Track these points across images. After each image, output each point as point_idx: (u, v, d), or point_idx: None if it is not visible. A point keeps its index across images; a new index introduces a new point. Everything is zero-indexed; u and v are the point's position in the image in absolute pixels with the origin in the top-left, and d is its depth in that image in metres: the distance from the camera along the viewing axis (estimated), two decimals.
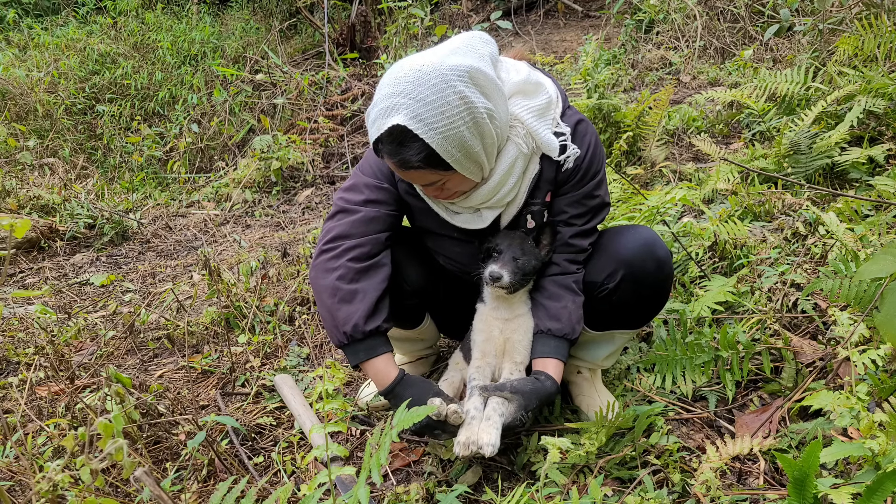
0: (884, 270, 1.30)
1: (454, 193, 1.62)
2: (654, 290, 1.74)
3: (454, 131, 1.42)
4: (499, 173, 1.60)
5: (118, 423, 1.29)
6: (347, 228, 1.71)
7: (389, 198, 1.76)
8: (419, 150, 1.42)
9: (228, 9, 9.75)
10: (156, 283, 3.57)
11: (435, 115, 1.39)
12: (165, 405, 2.06)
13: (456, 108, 1.40)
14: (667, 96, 3.83)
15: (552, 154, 1.63)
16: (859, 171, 3.01)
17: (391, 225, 1.77)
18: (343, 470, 1.30)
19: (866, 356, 1.68)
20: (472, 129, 1.44)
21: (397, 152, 1.45)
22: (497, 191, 1.63)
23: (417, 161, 1.44)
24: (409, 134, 1.41)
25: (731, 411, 1.90)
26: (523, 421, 1.60)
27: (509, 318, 1.76)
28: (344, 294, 1.66)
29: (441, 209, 1.74)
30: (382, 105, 1.43)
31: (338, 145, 5.54)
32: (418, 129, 1.40)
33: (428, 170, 1.48)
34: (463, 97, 1.41)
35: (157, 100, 6.92)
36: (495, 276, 1.66)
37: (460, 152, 1.45)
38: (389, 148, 1.46)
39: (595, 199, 1.71)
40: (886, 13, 3.91)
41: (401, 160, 1.46)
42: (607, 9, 7.37)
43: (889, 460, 1.31)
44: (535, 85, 1.63)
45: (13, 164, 5.38)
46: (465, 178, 1.55)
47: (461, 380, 1.86)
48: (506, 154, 1.59)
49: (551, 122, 1.64)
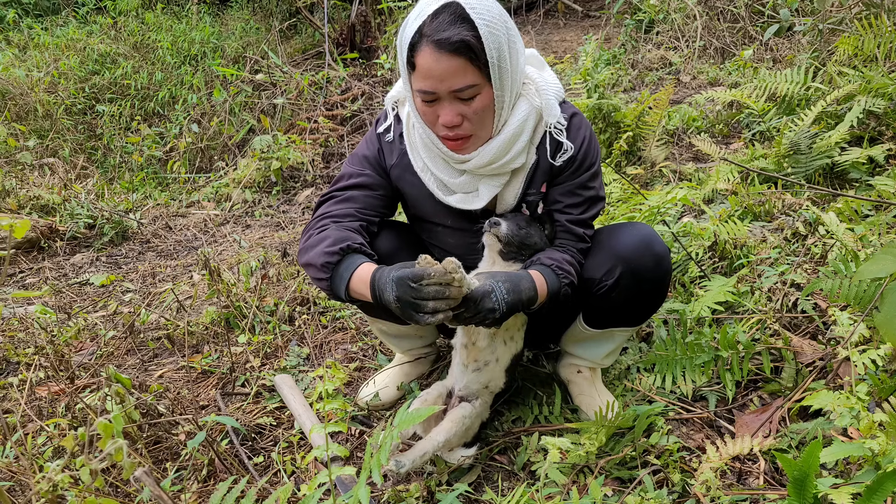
0: (884, 270, 1.30)
1: (470, 138, 1.59)
2: (653, 286, 1.74)
3: (497, 33, 1.46)
4: (512, 126, 1.60)
5: (118, 423, 1.29)
6: (329, 208, 1.74)
7: (374, 182, 1.77)
8: (469, 28, 1.43)
9: (228, 9, 9.74)
10: (156, 283, 3.57)
11: (484, 9, 1.45)
12: (165, 405, 2.06)
13: (499, 16, 1.47)
14: (667, 96, 3.83)
15: (551, 120, 1.64)
16: (859, 171, 3.01)
17: (375, 206, 1.78)
18: (343, 470, 1.30)
19: (866, 356, 1.68)
20: (508, 43, 1.49)
21: (443, 28, 1.43)
22: (508, 148, 1.62)
23: (466, 38, 1.42)
24: (460, 12, 1.43)
25: (731, 411, 1.90)
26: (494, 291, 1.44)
27: None
28: (317, 240, 1.66)
29: (436, 185, 1.73)
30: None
31: (338, 145, 5.54)
32: (470, 11, 1.43)
33: (466, 60, 1.44)
34: (503, 13, 1.49)
35: (157, 100, 6.92)
36: (494, 222, 1.67)
37: (498, 56, 1.47)
38: (436, 26, 1.43)
39: (590, 191, 1.72)
40: (886, 13, 3.91)
41: (447, 36, 1.42)
42: (607, 9, 7.37)
43: (889, 460, 1.31)
44: (539, 61, 1.72)
45: (13, 164, 5.38)
46: (491, 102, 1.54)
47: (436, 395, 1.84)
48: (518, 109, 1.61)
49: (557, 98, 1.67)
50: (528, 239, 1.69)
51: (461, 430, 1.72)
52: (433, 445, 1.65)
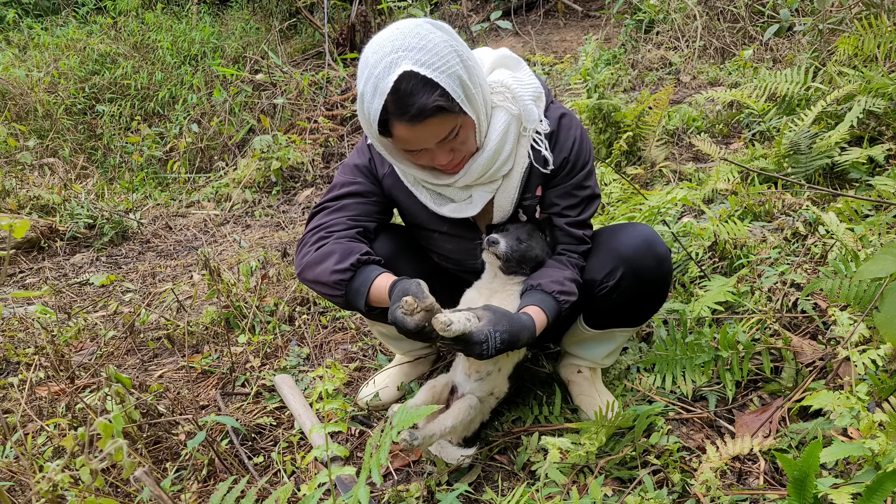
0: (884, 270, 1.30)
1: (463, 159, 1.60)
2: (654, 287, 1.74)
3: (453, 70, 1.42)
4: (494, 139, 1.59)
5: (118, 423, 1.29)
6: (322, 219, 1.73)
7: (366, 190, 1.77)
8: (432, 91, 1.41)
9: (228, 9, 9.74)
10: (156, 283, 3.57)
11: (433, 57, 1.40)
12: (165, 405, 2.06)
13: (445, 49, 1.42)
14: (667, 96, 3.83)
15: (530, 125, 1.63)
16: (859, 171, 3.01)
17: (370, 213, 1.77)
18: (343, 470, 1.30)
19: (866, 356, 1.68)
20: (465, 70, 1.46)
21: (411, 103, 1.41)
22: (494, 160, 1.61)
23: (434, 104, 1.40)
24: (418, 78, 1.40)
25: (731, 411, 1.90)
26: (492, 338, 1.44)
27: (500, 290, 1.74)
28: (321, 256, 1.65)
29: (428, 198, 1.73)
30: (380, 67, 1.41)
31: (338, 145, 5.54)
32: (425, 71, 1.39)
33: (442, 116, 1.44)
34: (447, 42, 1.44)
35: (157, 100, 6.92)
36: (493, 241, 1.66)
37: (463, 90, 1.45)
38: (401, 102, 1.41)
39: (585, 190, 1.72)
40: (886, 13, 3.91)
41: (417, 109, 1.41)
42: (607, 9, 7.37)
43: (889, 460, 1.31)
44: (514, 60, 1.68)
45: (13, 164, 5.38)
46: (473, 128, 1.54)
47: (444, 384, 1.84)
48: (497, 119, 1.60)
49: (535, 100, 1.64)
50: (528, 252, 1.69)
51: (467, 420, 1.73)
52: (441, 428, 1.66)
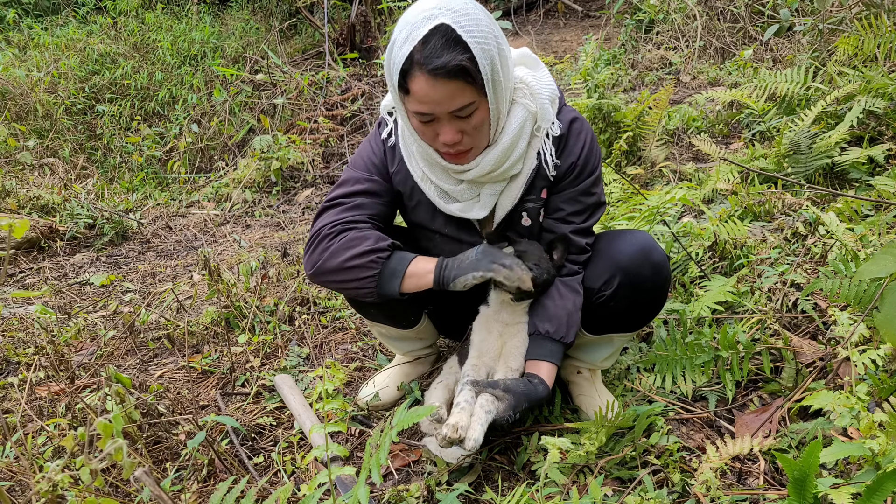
0: (884, 270, 1.30)
1: (469, 151, 1.59)
2: (652, 294, 1.74)
3: (488, 47, 1.43)
4: (510, 133, 1.59)
5: (118, 423, 1.29)
6: (340, 215, 1.71)
7: (382, 189, 1.76)
8: (462, 51, 1.40)
9: (228, 9, 9.74)
10: (156, 283, 3.57)
11: (473, 25, 1.41)
12: (165, 405, 2.06)
13: (488, 29, 1.43)
14: (667, 96, 3.83)
15: (544, 125, 1.63)
16: (859, 171, 3.01)
17: (384, 215, 1.77)
18: (343, 470, 1.30)
19: (866, 356, 1.68)
20: (499, 55, 1.46)
21: (438, 55, 1.38)
22: (508, 154, 1.61)
23: (459, 62, 1.39)
24: (452, 35, 1.39)
25: (731, 411, 1.90)
26: (510, 420, 1.58)
27: (510, 322, 1.75)
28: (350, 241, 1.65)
29: (436, 194, 1.72)
30: (419, 18, 1.41)
31: (338, 145, 5.54)
32: (461, 32, 1.39)
33: (463, 82, 1.43)
34: (490, 24, 1.45)
35: (157, 100, 6.92)
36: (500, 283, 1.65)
37: (491, 70, 1.45)
38: (428, 52, 1.39)
39: (592, 197, 1.71)
40: (886, 13, 3.91)
41: (442, 63, 1.38)
42: (607, 9, 7.37)
43: (889, 460, 1.31)
44: (534, 60, 1.69)
45: (13, 164, 5.38)
46: (488, 115, 1.53)
47: (455, 382, 1.85)
48: (514, 115, 1.60)
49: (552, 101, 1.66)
50: (539, 280, 1.67)
51: None
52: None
